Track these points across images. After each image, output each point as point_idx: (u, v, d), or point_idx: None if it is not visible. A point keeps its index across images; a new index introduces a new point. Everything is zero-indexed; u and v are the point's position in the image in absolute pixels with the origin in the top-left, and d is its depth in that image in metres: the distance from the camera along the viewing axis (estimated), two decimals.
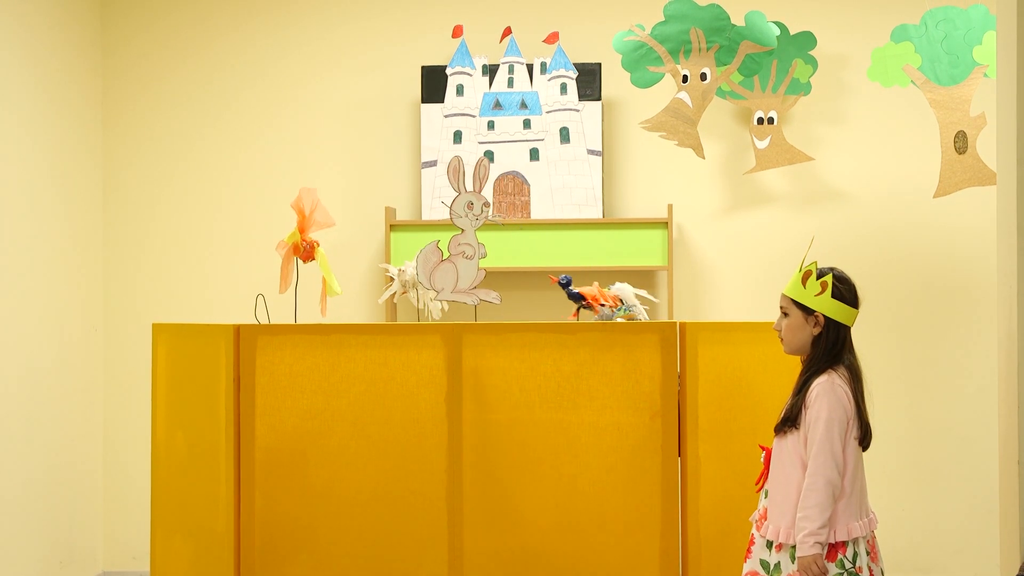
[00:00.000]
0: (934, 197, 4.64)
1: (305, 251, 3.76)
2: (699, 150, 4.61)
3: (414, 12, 5.24)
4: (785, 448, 2.98)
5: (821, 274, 2.99)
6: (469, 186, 3.51)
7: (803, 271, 3.01)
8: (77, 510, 5.09)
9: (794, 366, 3.11)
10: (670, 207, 4.90)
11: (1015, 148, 2.88)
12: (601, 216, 4.95)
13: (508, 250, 4.86)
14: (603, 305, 3.70)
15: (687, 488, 3.48)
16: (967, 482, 4.96)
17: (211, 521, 3.57)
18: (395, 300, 4.33)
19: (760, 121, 4.83)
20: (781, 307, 3.06)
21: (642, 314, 3.76)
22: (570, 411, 3.49)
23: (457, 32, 4.98)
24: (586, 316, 3.80)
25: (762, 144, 4.84)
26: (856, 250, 4.90)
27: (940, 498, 4.98)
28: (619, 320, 3.69)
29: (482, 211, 3.47)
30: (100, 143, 5.32)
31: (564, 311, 4.19)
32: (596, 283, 3.83)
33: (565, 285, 3.74)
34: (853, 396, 2.95)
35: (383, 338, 3.56)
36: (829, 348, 2.98)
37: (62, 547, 4.97)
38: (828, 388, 2.92)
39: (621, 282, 3.84)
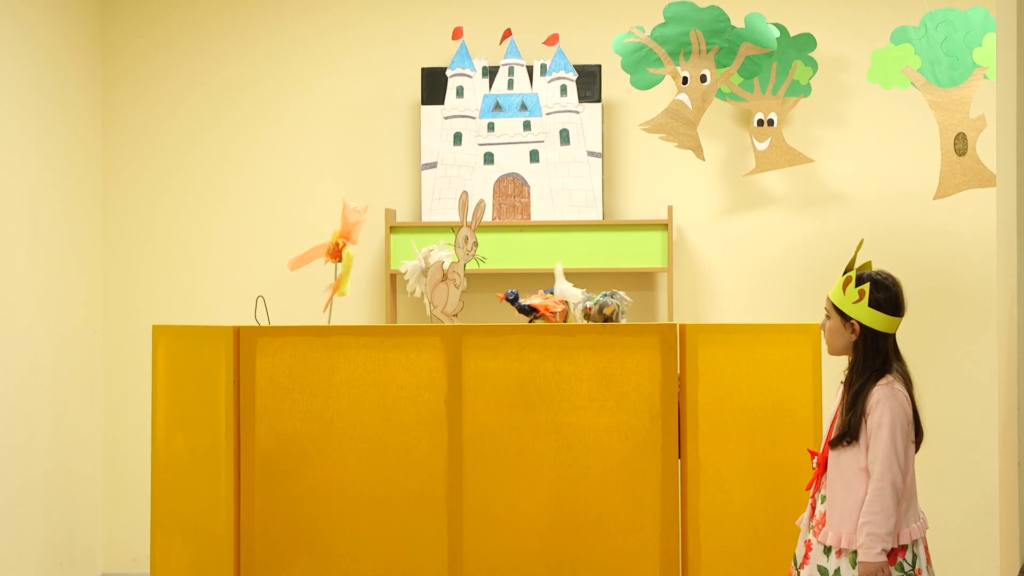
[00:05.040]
0: (934, 199, 4.64)
1: (335, 252, 3.94)
2: (699, 152, 4.61)
3: (414, 14, 5.24)
4: (844, 459, 2.94)
5: (860, 280, 2.97)
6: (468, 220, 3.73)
7: (845, 276, 2.99)
8: (77, 512, 5.09)
9: (794, 368, 3.11)
10: (670, 209, 4.90)
11: (1015, 150, 2.88)
12: (601, 218, 4.95)
13: (508, 252, 4.85)
14: (554, 313, 3.72)
15: (687, 490, 3.48)
16: (967, 484, 4.96)
17: (211, 523, 3.57)
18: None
19: (760, 123, 4.83)
20: (825, 308, 3.05)
21: (621, 302, 3.74)
22: (570, 413, 3.49)
23: (457, 34, 4.98)
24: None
25: (762, 146, 4.84)
26: None
27: (940, 500, 4.97)
28: (601, 302, 3.69)
29: (472, 248, 3.73)
30: (100, 144, 5.32)
31: None
32: (540, 291, 3.84)
33: (513, 300, 3.77)
34: (911, 400, 2.94)
35: (383, 340, 3.56)
36: (870, 356, 2.96)
37: (62, 549, 4.96)
38: (889, 393, 2.90)
39: (566, 282, 3.84)
